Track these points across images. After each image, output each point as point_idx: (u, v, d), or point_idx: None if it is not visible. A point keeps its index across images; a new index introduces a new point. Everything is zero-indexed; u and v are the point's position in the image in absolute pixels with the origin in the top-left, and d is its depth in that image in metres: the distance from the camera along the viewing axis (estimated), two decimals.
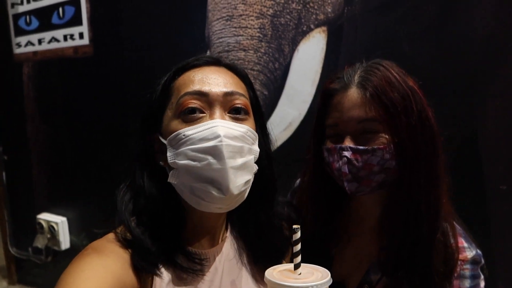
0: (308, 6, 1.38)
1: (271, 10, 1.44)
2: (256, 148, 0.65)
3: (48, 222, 2.21)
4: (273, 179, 0.73)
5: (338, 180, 0.75)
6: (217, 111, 0.61)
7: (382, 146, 0.70)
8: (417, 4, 1.22)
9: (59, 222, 2.18)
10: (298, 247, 0.51)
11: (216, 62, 0.68)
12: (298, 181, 0.96)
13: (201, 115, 0.61)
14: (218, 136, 0.58)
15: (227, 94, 0.62)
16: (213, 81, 0.63)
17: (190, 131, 0.60)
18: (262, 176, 0.68)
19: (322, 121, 0.78)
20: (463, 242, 0.74)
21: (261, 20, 1.46)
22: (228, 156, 0.58)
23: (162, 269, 0.62)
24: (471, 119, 1.19)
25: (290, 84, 1.45)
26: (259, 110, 0.72)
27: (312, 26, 1.39)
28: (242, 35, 1.50)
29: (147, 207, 0.64)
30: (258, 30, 1.47)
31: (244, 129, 0.62)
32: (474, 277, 0.72)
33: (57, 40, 2.05)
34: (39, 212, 2.29)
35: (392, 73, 0.72)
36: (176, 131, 0.61)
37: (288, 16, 1.42)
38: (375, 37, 1.28)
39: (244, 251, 0.74)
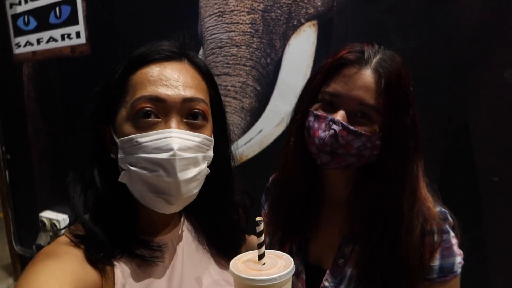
0: (298, 0, 1.37)
1: (262, 5, 1.43)
2: (210, 154, 0.64)
3: (50, 220, 2.25)
4: (230, 180, 0.73)
5: (311, 147, 0.76)
6: (173, 119, 0.59)
7: (369, 134, 0.71)
8: None
9: (61, 219, 2.22)
10: (262, 238, 0.52)
11: (178, 56, 0.64)
12: (271, 178, 0.97)
13: (156, 120, 0.59)
14: (171, 149, 0.56)
15: (185, 100, 0.60)
16: (173, 83, 0.60)
17: (143, 138, 0.58)
18: (219, 177, 0.68)
19: (321, 84, 0.76)
20: (429, 201, 0.76)
21: (252, 15, 1.46)
22: (181, 169, 0.57)
23: (122, 260, 0.62)
24: (462, 110, 1.17)
25: (282, 79, 1.45)
26: (220, 109, 0.70)
27: (302, 20, 1.38)
28: (234, 31, 1.50)
29: (99, 199, 0.63)
30: (250, 25, 1.47)
31: (200, 138, 0.61)
32: (443, 232, 0.73)
33: (55, 40, 2.07)
34: (42, 210, 2.33)
35: (402, 71, 0.73)
36: (129, 135, 0.59)
37: (279, 11, 1.41)
38: (365, 30, 1.28)
39: (202, 235, 0.74)
